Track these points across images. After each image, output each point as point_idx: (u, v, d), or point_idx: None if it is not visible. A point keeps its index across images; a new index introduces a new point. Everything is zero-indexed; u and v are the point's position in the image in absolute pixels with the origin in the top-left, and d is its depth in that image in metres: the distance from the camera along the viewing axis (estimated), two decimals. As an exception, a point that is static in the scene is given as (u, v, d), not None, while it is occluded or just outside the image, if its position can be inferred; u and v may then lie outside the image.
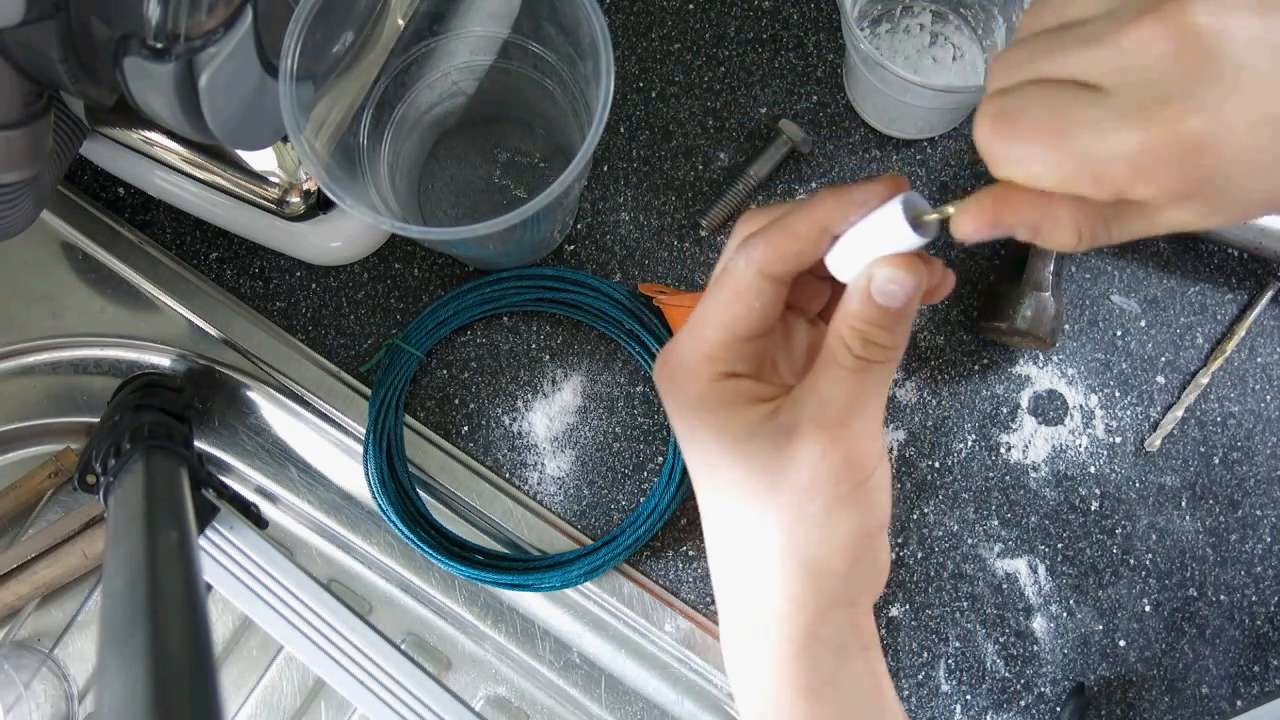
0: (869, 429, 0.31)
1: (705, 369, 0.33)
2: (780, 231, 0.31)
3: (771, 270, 0.32)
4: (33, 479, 0.54)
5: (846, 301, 0.31)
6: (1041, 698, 0.50)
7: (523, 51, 0.47)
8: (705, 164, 0.53)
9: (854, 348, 0.31)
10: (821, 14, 0.54)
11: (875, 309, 0.30)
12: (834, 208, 0.31)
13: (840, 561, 0.32)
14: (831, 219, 0.31)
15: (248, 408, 0.55)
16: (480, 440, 0.53)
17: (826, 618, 0.32)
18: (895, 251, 0.30)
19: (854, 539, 0.32)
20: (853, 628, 0.33)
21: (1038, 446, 0.51)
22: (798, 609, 0.32)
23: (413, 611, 0.55)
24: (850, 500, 0.31)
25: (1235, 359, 0.51)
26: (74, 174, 0.55)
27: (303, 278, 0.54)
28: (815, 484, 0.31)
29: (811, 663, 0.32)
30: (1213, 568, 0.50)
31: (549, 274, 0.52)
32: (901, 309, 0.30)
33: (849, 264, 0.31)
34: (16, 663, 0.53)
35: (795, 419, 0.31)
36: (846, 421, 0.31)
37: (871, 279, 0.30)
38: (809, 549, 0.31)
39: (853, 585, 0.32)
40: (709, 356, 0.33)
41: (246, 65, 0.37)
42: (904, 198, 0.30)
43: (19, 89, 0.36)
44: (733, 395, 0.32)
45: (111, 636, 0.32)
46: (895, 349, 0.31)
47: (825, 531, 0.31)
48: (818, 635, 0.32)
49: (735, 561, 0.34)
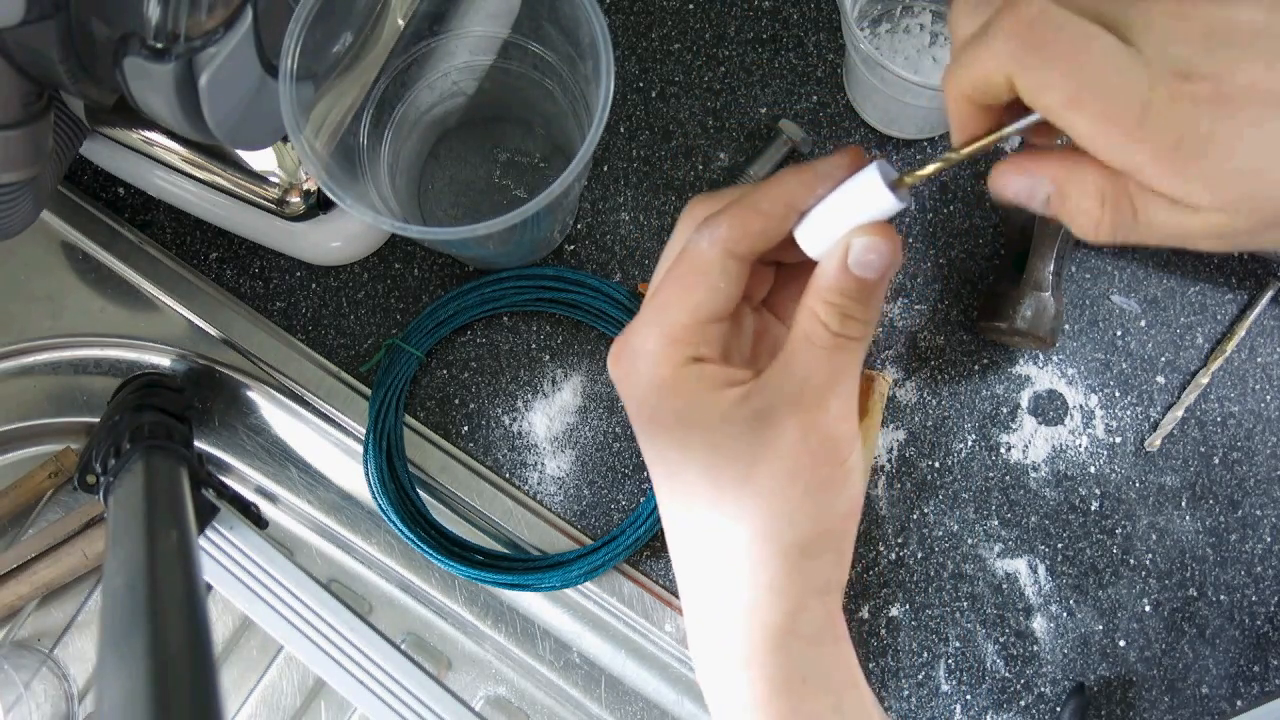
0: (846, 409, 0.31)
1: (671, 353, 0.31)
2: (745, 209, 0.31)
3: (737, 249, 0.31)
4: (33, 479, 0.54)
5: (820, 277, 0.30)
6: (1041, 698, 0.50)
7: (523, 51, 0.47)
8: (705, 164, 0.53)
9: (831, 324, 0.30)
10: (821, 14, 0.54)
11: (853, 280, 0.30)
12: (800, 183, 0.31)
13: (820, 546, 0.31)
14: (797, 194, 0.31)
15: (248, 408, 0.55)
16: (480, 440, 0.53)
17: (805, 605, 0.31)
18: (871, 220, 0.30)
19: (834, 520, 0.31)
20: (827, 618, 0.32)
21: (1038, 446, 0.51)
22: (776, 598, 0.31)
23: (413, 611, 0.55)
24: (831, 483, 0.31)
25: (1235, 359, 0.51)
26: (74, 174, 0.55)
27: (303, 278, 0.54)
28: (796, 468, 0.30)
29: (788, 657, 0.31)
30: (1213, 568, 0.50)
31: (549, 274, 0.52)
32: (878, 279, 0.30)
33: (821, 237, 0.31)
34: (16, 663, 0.53)
35: (770, 402, 0.30)
36: (825, 403, 0.30)
37: (849, 249, 0.30)
38: (789, 533, 0.31)
39: (827, 571, 0.32)
40: (674, 340, 0.31)
41: (246, 65, 0.37)
42: (879, 164, 0.29)
43: (19, 89, 0.36)
44: (700, 379, 0.31)
45: (111, 636, 0.32)
46: (870, 324, 0.31)
47: (805, 515, 0.30)
48: (795, 627, 0.31)
49: (706, 557, 0.32)
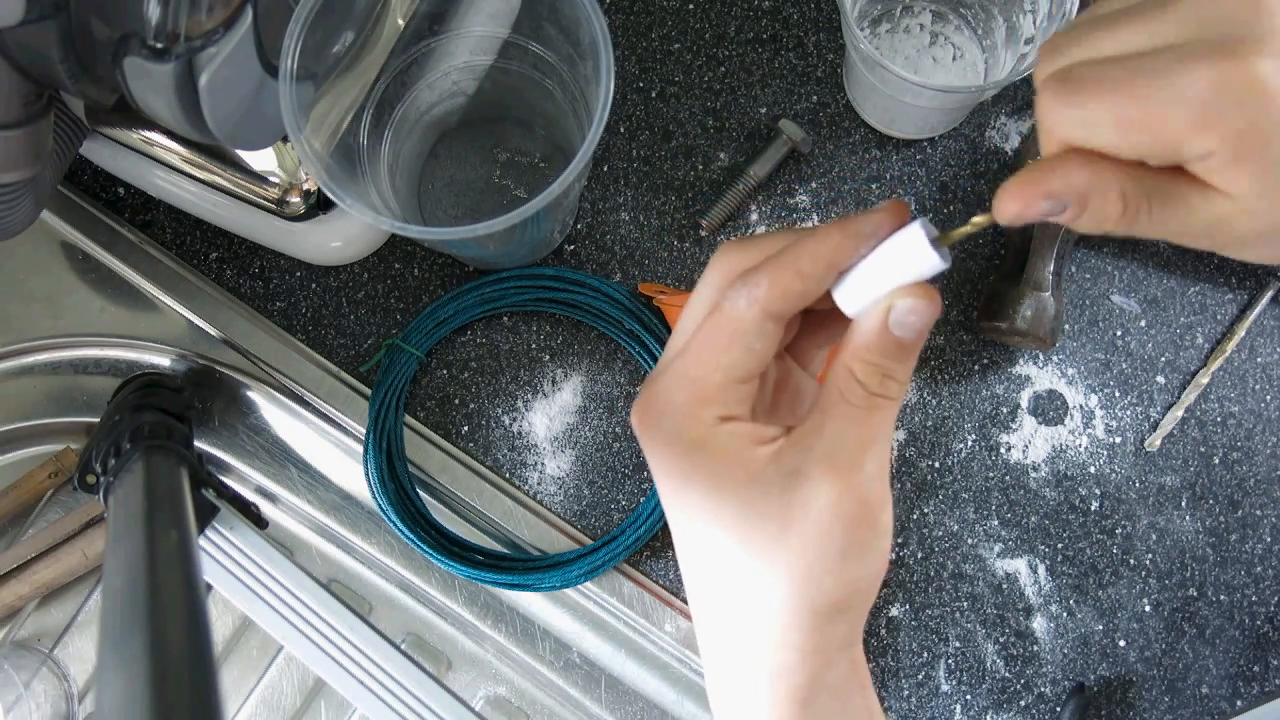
0: (880, 469, 0.30)
1: (701, 413, 0.31)
2: (784, 270, 0.30)
3: (775, 309, 0.30)
4: (33, 479, 0.54)
5: (858, 336, 0.30)
6: (1041, 698, 0.50)
7: (523, 51, 0.47)
8: (705, 164, 0.53)
9: (870, 384, 0.30)
10: (821, 14, 0.54)
11: (892, 342, 0.29)
12: (841, 242, 0.30)
13: (849, 604, 0.31)
14: (839, 254, 0.30)
15: (248, 408, 0.55)
16: (480, 440, 0.53)
17: (832, 663, 0.31)
18: (914, 279, 0.29)
19: (865, 583, 0.31)
20: (852, 668, 0.32)
21: (1038, 446, 0.51)
22: (806, 658, 0.31)
23: (413, 611, 0.55)
24: (864, 546, 0.30)
25: (1235, 359, 0.51)
26: (74, 174, 0.55)
27: (303, 278, 0.54)
28: (830, 531, 0.30)
29: (815, 713, 0.31)
30: (1213, 568, 0.50)
31: (549, 274, 0.52)
32: (916, 341, 0.29)
33: (860, 296, 0.30)
34: (16, 663, 0.53)
35: (803, 462, 0.30)
36: (860, 464, 0.30)
37: (890, 310, 0.29)
38: (820, 597, 0.30)
39: (857, 624, 0.31)
40: (705, 399, 0.31)
41: (246, 65, 0.37)
42: (921, 221, 0.29)
43: (19, 89, 0.36)
44: (732, 439, 0.31)
45: (111, 636, 0.32)
46: (905, 383, 0.30)
47: (836, 579, 0.30)
48: (823, 683, 0.31)
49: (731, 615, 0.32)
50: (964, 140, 0.53)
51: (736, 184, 0.52)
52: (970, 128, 0.53)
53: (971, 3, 0.51)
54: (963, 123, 0.53)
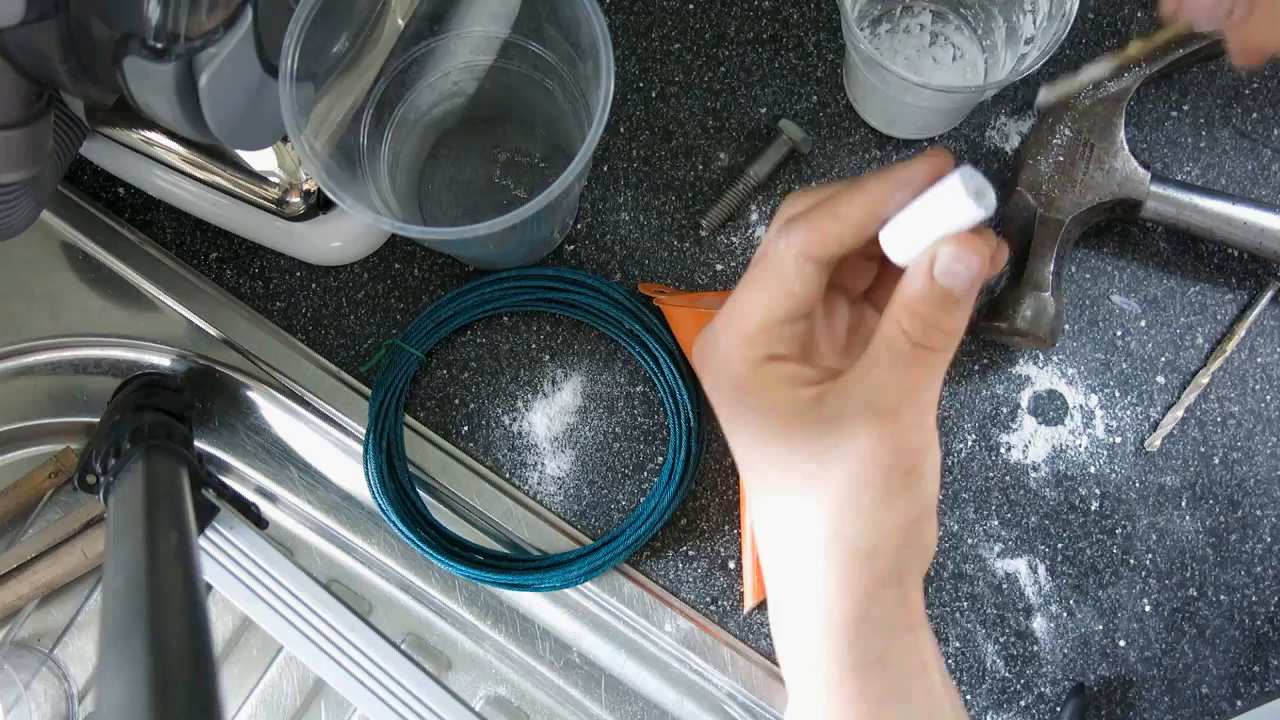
0: (921, 419, 0.31)
1: (745, 352, 0.32)
2: (824, 215, 0.31)
3: (812, 254, 0.31)
4: (33, 479, 0.54)
5: (906, 285, 0.30)
6: (1041, 698, 0.50)
7: (523, 51, 0.47)
8: (705, 164, 0.53)
9: (914, 334, 0.30)
10: (821, 14, 0.54)
11: (939, 291, 0.29)
12: (880, 190, 0.30)
13: (890, 546, 0.31)
14: (879, 201, 0.30)
15: (248, 408, 0.55)
16: (480, 440, 0.53)
17: (875, 597, 0.31)
18: (956, 228, 0.29)
19: (903, 525, 0.31)
20: (901, 606, 0.32)
21: (1038, 446, 0.51)
22: (845, 590, 0.31)
23: (413, 611, 0.55)
24: (900, 489, 0.30)
25: (1235, 359, 0.51)
26: (74, 174, 0.55)
27: (303, 278, 0.54)
28: (865, 475, 0.30)
29: (859, 642, 0.31)
30: (1213, 568, 0.50)
31: (549, 274, 0.52)
32: (966, 292, 0.29)
33: (906, 246, 0.30)
34: (16, 663, 0.53)
35: (843, 407, 0.30)
36: (899, 413, 0.30)
37: (935, 260, 0.29)
38: (857, 537, 0.31)
39: (901, 564, 0.32)
40: (748, 339, 0.32)
41: (246, 65, 0.37)
42: (962, 171, 0.28)
43: (19, 89, 0.36)
44: (774, 379, 0.31)
45: (111, 636, 0.32)
46: (955, 335, 0.30)
47: (873, 520, 0.31)
48: (866, 615, 0.31)
49: (781, 543, 0.33)
50: (964, 140, 0.53)
51: (737, 184, 0.52)
52: (970, 128, 0.53)
53: (971, 3, 0.51)
54: (963, 123, 0.53)
